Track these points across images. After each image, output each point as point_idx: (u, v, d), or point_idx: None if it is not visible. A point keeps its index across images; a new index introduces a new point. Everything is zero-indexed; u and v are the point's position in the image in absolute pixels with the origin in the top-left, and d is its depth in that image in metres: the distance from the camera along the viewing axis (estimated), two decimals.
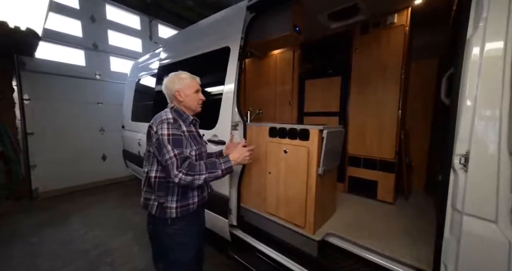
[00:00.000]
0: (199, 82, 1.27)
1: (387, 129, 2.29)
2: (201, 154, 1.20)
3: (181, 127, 1.11)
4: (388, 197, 2.31)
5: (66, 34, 4.01)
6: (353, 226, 1.82)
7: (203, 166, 1.03)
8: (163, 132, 1.03)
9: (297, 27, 1.95)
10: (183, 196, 1.13)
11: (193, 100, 1.21)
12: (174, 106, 1.20)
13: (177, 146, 1.03)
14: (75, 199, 3.76)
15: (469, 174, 0.92)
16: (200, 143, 1.22)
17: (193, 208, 1.15)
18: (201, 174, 1.01)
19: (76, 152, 4.20)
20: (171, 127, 1.05)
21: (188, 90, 1.20)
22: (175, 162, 0.98)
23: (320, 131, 1.56)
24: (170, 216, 1.09)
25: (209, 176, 1.04)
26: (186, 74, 1.23)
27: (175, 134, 1.05)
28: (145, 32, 5.28)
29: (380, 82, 2.31)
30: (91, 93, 4.41)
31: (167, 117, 1.08)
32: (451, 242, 1.00)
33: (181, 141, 1.06)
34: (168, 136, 1.02)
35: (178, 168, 0.98)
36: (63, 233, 2.66)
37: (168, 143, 1.01)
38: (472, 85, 0.94)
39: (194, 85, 1.22)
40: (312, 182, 1.61)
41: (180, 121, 1.14)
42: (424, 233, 1.71)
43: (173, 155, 1.00)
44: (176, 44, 2.71)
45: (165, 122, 1.06)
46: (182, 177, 0.97)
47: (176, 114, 1.16)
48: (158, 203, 1.10)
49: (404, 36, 2.13)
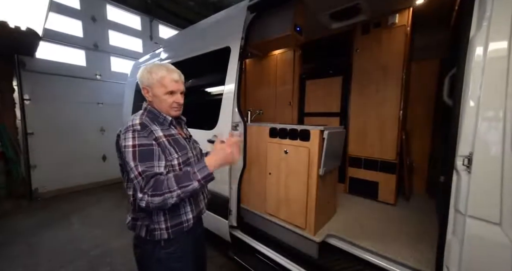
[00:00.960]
0: (177, 80, 0.96)
1: (388, 130, 2.28)
2: (188, 161, 0.97)
3: (152, 133, 0.88)
4: (389, 198, 2.29)
5: (66, 34, 4.02)
6: (354, 227, 1.81)
7: (172, 181, 0.80)
8: (126, 143, 0.83)
9: (298, 26, 1.95)
10: (172, 214, 0.92)
11: (162, 103, 0.94)
12: (147, 107, 0.97)
13: (143, 160, 0.81)
14: (75, 200, 3.76)
15: (473, 175, 0.91)
16: (185, 147, 0.99)
17: (187, 226, 0.96)
18: (172, 191, 0.78)
19: (76, 152, 4.20)
20: (137, 136, 0.83)
21: (157, 90, 0.93)
22: (140, 182, 0.79)
23: (321, 131, 1.55)
24: (161, 237, 0.91)
25: (184, 192, 0.80)
26: (162, 66, 0.95)
27: (143, 144, 0.83)
28: (145, 32, 5.28)
29: (381, 83, 2.30)
30: (92, 93, 4.42)
31: (133, 123, 0.87)
32: (454, 244, 0.98)
33: (150, 153, 0.84)
34: (133, 148, 0.82)
35: (142, 190, 0.78)
36: (63, 233, 2.65)
37: (132, 158, 0.81)
38: (476, 85, 0.92)
39: (167, 83, 0.93)
40: (313, 183, 1.59)
41: (153, 125, 0.91)
42: (426, 235, 1.70)
43: (137, 173, 0.79)
44: (176, 44, 2.70)
45: (130, 131, 0.84)
46: (148, 200, 0.77)
47: (149, 115, 0.94)
48: (145, 226, 0.92)
49: (406, 36, 2.12)
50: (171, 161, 0.90)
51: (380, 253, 1.46)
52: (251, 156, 1.95)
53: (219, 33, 2.07)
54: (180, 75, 1.00)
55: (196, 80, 2.35)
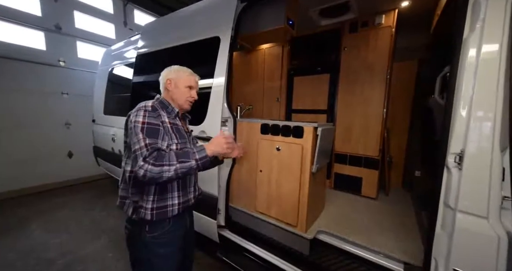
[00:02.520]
0: (197, 81, 1.16)
1: (373, 128, 2.37)
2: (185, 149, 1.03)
3: (160, 117, 0.99)
4: (371, 193, 2.41)
5: (19, 11, 3.43)
6: (342, 222, 1.85)
7: (173, 156, 0.87)
8: (137, 119, 0.92)
9: (290, 20, 1.89)
10: (160, 196, 0.99)
11: (181, 94, 1.09)
12: (160, 97, 1.09)
13: (150, 136, 0.90)
14: (37, 202, 3.32)
15: (464, 172, 0.95)
16: (185, 137, 1.09)
17: (172, 211, 1.00)
18: (171, 164, 0.85)
19: (36, 149, 3.69)
20: (147, 115, 0.94)
21: (180, 83, 1.09)
22: (144, 152, 0.85)
23: (315, 128, 1.53)
24: (144, 217, 0.95)
25: (181, 167, 0.87)
26: (188, 70, 1.13)
27: (151, 123, 0.93)
28: (119, 17, 4.78)
29: (367, 82, 2.37)
30: (54, 81, 3.89)
31: (146, 105, 0.98)
32: (443, 237, 1.04)
33: (157, 131, 0.93)
34: (142, 124, 0.91)
35: (145, 159, 0.84)
36: (22, 242, 2.31)
37: (140, 131, 0.89)
38: (468, 85, 0.96)
39: (189, 80, 1.11)
40: (306, 180, 1.58)
41: (162, 111, 1.02)
42: (408, 227, 1.81)
43: (143, 144, 0.86)
44: (157, 32, 2.47)
45: (142, 110, 0.95)
46: (148, 168, 0.82)
47: (160, 104, 1.05)
48: (133, 202, 0.98)
49: (391, 37, 2.20)
50: (171, 145, 0.98)
51: (369, 246, 1.52)
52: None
53: (208, 21, 1.92)
54: (197, 77, 1.17)
55: None
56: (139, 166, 0.83)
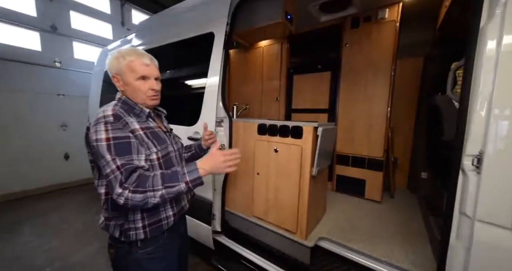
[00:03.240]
0: (148, 63, 0.86)
1: (376, 127, 2.26)
2: (168, 155, 0.90)
3: (127, 126, 0.78)
4: (375, 196, 2.29)
5: (13, 11, 3.37)
6: (344, 228, 1.74)
7: (158, 179, 0.72)
8: (98, 136, 0.72)
9: (289, 14, 1.80)
10: (151, 211, 0.84)
11: (136, 91, 0.84)
12: (122, 97, 0.86)
13: (121, 154, 0.73)
14: (30, 205, 3.24)
15: (483, 176, 0.84)
16: (165, 141, 0.91)
17: (167, 224, 0.88)
18: (156, 190, 0.71)
19: (31, 151, 3.62)
20: (110, 129, 0.74)
21: (128, 76, 0.83)
22: (119, 177, 0.70)
23: (315, 128, 1.43)
24: (136, 238, 0.81)
25: (168, 192, 0.72)
26: (130, 50, 0.85)
27: (118, 137, 0.74)
28: (116, 17, 4.72)
29: (370, 79, 2.26)
30: (50, 83, 3.83)
31: (104, 114, 0.77)
32: (458, 250, 0.92)
33: (127, 146, 0.75)
34: (107, 141, 0.72)
35: (122, 184, 0.69)
36: (10, 248, 2.23)
37: (107, 152, 0.71)
38: (487, 80, 0.85)
39: (137, 67, 0.83)
40: (305, 183, 1.48)
41: (129, 116, 0.82)
42: (415, 234, 1.69)
43: (115, 167, 0.70)
44: (151, 29, 2.38)
45: (101, 123, 0.74)
46: (129, 197, 0.68)
47: (124, 107, 0.84)
48: (118, 226, 0.83)
49: (395, 32, 2.09)
50: (149, 156, 0.82)
51: (374, 255, 1.40)
52: None
53: (201, 16, 1.83)
54: (152, 59, 0.91)
55: (174, 69, 2.09)
56: (117, 194, 0.69)
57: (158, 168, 0.84)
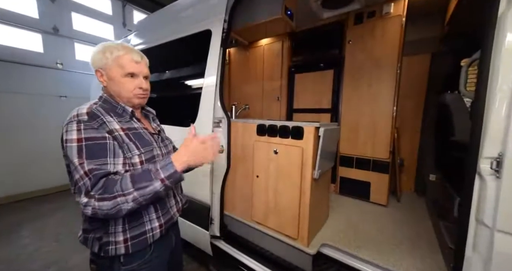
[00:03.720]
0: (138, 60, 0.80)
1: (382, 127, 2.16)
2: (153, 159, 0.80)
3: (104, 125, 0.70)
4: (381, 199, 2.19)
5: (15, 13, 3.39)
6: (349, 234, 1.66)
7: (127, 180, 0.63)
8: (68, 136, 0.65)
9: (289, 10, 1.73)
10: (133, 223, 0.74)
11: (120, 87, 0.77)
12: (103, 95, 0.80)
13: (93, 157, 0.64)
14: (30, 208, 3.23)
15: (503, 181, 0.75)
16: (150, 143, 0.81)
17: (153, 236, 0.78)
18: (126, 193, 0.62)
19: (33, 153, 3.62)
20: (83, 128, 0.66)
21: (113, 71, 0.76)
22: (86, 183, 0.62)
23: (316, 128, 1.35)
24: (116, 253, 0.72)
25: (141, 194, 0.63)
26: (118, 45, 0.79)
27: (91, 138, 0.66)
28: (117, 18, 4.73)
29: (374, 77, 2.17)
30: (52, 84, 3.83)
31: (78, 112, 0.69)
32: (476, 262, 0.83)
33: (102, 148, 0.67)
34: (78, 142, 0.64)
35: (88, 193, 0.61)
36: (8, 250, 2.20)
37: (77, 155, 0.63)
38: (506, 74, 0.76)
39: (125, 64, 0.76)
40: (307, 187, 1.40)
41: (108, 116, 0.74)
42: (425, 240, 1.60)
43: (83, 173, 0.62)
44: (149, 28, 2.34)
45: (74, 122, 0.67)
46: (96, 206, 0.60)
47: (105, 106, 0.77)
48: (97, 239, 0.74)
49: (401, 27, 2.00)
50: (131, 159, 0.73)
51: (381, 264, 1.32)
52: (236, 156, 1.71)
53: (199, 13, 1.78)
54: (143, 57, 0.84)
55: (171, 69, 2.03)
56: (83, 204, 0.61)
57: None
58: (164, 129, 1.05)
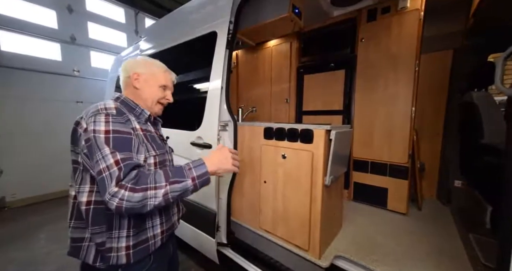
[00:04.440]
0: (173, 80, 0.94)
1: (399, 129, 2.01)
2: (164, 163, 0.84)
3: (130, 122, 0.73)
4: (400, 207, 2.03)
5: (38, 25, 3.60)
6: (365, 245, 1.53)
7: (161, 175, 0.64)
8: (97, 127, 0.64)
9: (296, 8, 1.66)
10: (138, 228, 0.72)
11: (152, 93, 0.85)
12: (122, 96, 0.81)
13: (121, 150, 0.64)
14: (48, 209, 3.36)
15: None
16: (163, 147, 0.85)
17: (154, 244, 0.76)
18: (159, 186, 0.61)
19: (51, 155, 3.79)
20: (112, 121, 0.67)
21: (151, 79, 0.84)
22: (116, 173, 0.60)
23: (327, 131, 1.26)
24: (117, 262, 0.69)
25: (173, 189, 0.63)
26: (162, 65, 0.90)
27: (119, 131, 0.66)
28: (130, 26, 4.90)
29: (390, 76, 2.03)
30: (69, 91, 4.02)
31: (106, 106, 0.70)
32: None
33: (129, 142, 0.67)
34: (106, 134, 0.64)
35: (119, 182, 0.59)
36: (25, 252, 2.28)
37: (105, 144, 0.63)
38: None
39: (165, 78, 0.88)
40: (318, 194, 1.30)
41: (130, 114, 0.77)
42: (452, 255, 1.43)
43: (113, 162, 0.61)
44: (157, 33, 2.37)
45: (102, 114, 0.67)
46: (125, 196, 0.58)
47: (123, 106, 0.78)
48: (96, 245, 0.70)
49: (419, 22, 1.86)
50: (148, 159, 0.75)
51: None
52: (243, 160, 1.65)
53: (205, 16, 1.76)
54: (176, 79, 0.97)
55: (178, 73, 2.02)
56: (111, 194, 0.58)
57: None
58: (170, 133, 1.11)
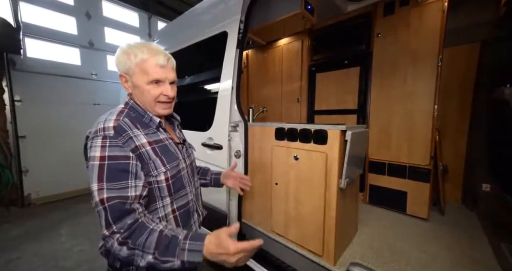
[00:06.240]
0: (163, 64, 0.72)
1: (420, 129, 1.89)
2: (178, 174, 0.78)
3: (130, 141, 0.66)
4: (421, 212, 1.90)
5: (59, 31, 3.80)
6: (383, 252, 1.44)
7: (152, 240, 0.57)
8: (92, 154, 0.62)
9: (309, 5, 1.61)
10: None
11: (145, 95, 0.72)
12: (130, 101, 0.75)
13: (113, 179, 0.60)
14: (70, 206, 3.53)
15: None
16: (176, 157, 0.78)
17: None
18: (146, 252, 0.57)
19: (72, 155, 3.97)
20: (108, 145, 0.62)
21: (137, 77, 0.71)
22: (103, 213, 0.58)
23: (342, 132, 1.20)
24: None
25: (156, 263, 0.57)
26: (143, 46, 0.72)
27: (115, 157, 0.62)
28: (144, 30, 5.05)
29: (409, 72, 1.92)
30: (87, 93, 4.20)
31: (104, 125, 0.66)
32: None
33: (123, 169, 0.62)
34: (100, 161, 0.60)
35: (109, 227, 0.57)
36: (48, 247, 2.40)
37: (97, 175, 0.60)
38: None
39: (149, 69, 0.70)
40: (332, 197, 1.24)
41: (135, 128, 0.70)
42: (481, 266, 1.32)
43: (98, 200, 0.58)
44: (169, 35, 2.41)
45: (99, 137, 0.63)
46: (114, 246, 0.57)
47: (131, 115, 0.72)
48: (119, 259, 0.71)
49: (442, 14, 1.73)
50: (156, 177, 0.70)
51: None
52: (254, 161, 1.62)
53: (215, 16, 1.75)
54: (169, 59, 0.76)
55: (190, 74, 2.04)
56: (104, 236, 0.58)
57: (166, 191, 0.73)
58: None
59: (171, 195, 0.75)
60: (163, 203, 0.74)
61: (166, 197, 0.74)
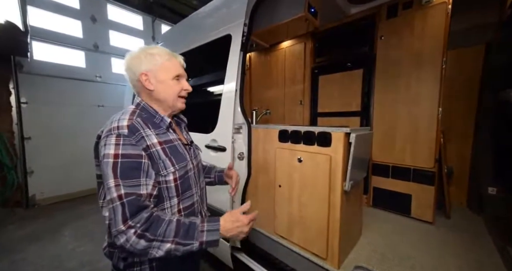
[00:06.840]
0: (183, 64, 0.83)
1: (424, 131, 1.88)
2: (186, 175, 0.79)
3: (143, 140, 0.68)
4: (426, 215, 1.88)
5: (65, 34, 3.87)
6: (387, 256, 1.43)
7: (171, 228, 0.61)
8: (106, 151, 0.63)
9: (312, 8, 1.62)
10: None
11: (169, 89, 0.77)
12: (141, 102, 0.77)
13: (127, 176, 0.62)
14: (73, 207, 3.55)
15: None
16: (185, 158, 0.80)
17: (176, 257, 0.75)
18: (165, 240, 0.60)
19: (76, 156, 4.01)
20: (122, 143, 0.64)
21: (162, 73, 0.76)
22: (120, 209, 0.59)
23: (346, 134, 1.20)
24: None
25: (176, 249, 0.61)
26: (163, 48, 0.80)
27: (128, 155, 0.64)
28: (148, 32, 5.11)
29: (413, 75, 1.91)
30: (92, 95, 4.25)
31: (118, 124, 0.67)
32: None
33: (136, 167, 0.64)
34: (114, 158, 0.62)
35: (126, 221, 0.58)
36: (52, 248, 2.41)
37: (112, 172, 0.61)
38: None
39: (173, 66, 0.78)
40: (336, 199, 1.24)
41: (147, 128, 0.71)
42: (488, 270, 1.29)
43: (116, 196, 0.59)
44: (173, 38, 2.44)
45: (113, 135, 0.65)
46: (131, 240, 0.57)
47: (143, 115, 0.74)
48: (122, 260, 0.72)
49: (446, 16, 1.73)
50: (166, 176, 0.72)
51: None
52: (257, 163, 1.62)
53: (219, 19, 1.77)
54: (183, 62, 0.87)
55: (194, 76, 2.06)
56: (119, 231, 0.58)
57: (174, 191, 0.75)
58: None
59: (178, 195, 0.76)
60: (170, 203, 0.75)
61: (173, 198, 0.75)
